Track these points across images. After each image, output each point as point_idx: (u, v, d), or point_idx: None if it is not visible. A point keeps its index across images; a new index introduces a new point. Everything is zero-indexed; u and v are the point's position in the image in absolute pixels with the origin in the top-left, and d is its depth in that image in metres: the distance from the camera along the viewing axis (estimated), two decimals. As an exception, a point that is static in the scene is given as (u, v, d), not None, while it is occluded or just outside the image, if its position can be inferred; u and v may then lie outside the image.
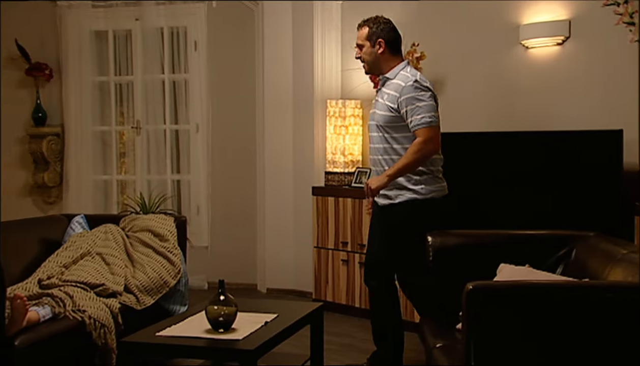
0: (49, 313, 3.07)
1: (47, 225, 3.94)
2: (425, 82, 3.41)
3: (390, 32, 3.50)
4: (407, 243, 3.40)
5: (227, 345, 2.66)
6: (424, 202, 3.37)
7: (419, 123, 3.31)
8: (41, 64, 6.16)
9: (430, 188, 3.40)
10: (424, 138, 3.30)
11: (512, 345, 2.04)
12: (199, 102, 5.91)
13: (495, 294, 2.04)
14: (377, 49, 3.46)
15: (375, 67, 3.52)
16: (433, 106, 3.36)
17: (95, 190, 6.24)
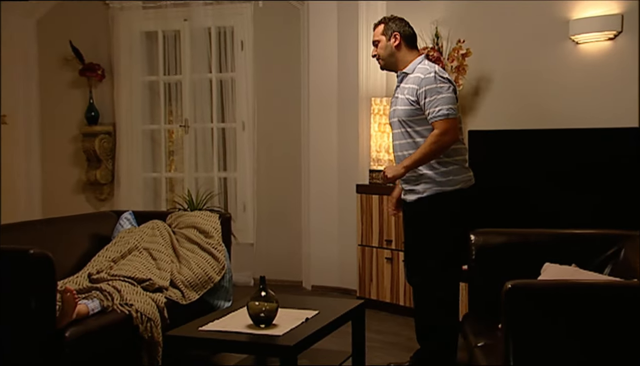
0: (97, 307, 3.16)
1: (97, 221, 4.05)
2: (445, 73, 3.39)
3: (405, 26, 3.52)
4: (438, 236, 3.40)
5: (267, 340, 2.70)
6: (451, 194, 3.37)
7: (437, 115, 3.30)
8: (94, 64, 6.33)
9: (457, 179, 3.40)
10: (441, 130, 3.29)
11: (551, 344, 2.01)
12: (245, 100, 5.98)
13: (535, 293, 2.02)
14: (393, 42, 3.48)
15: (390, 61, 3.52)
16: (452, 98, 3.33)
17: (145, 187, 6.38)
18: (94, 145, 6.35)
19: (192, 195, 5.88)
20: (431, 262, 3.43)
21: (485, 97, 4.99)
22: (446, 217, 3.38)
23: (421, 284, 3.53)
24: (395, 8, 5.38)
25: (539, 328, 2.03)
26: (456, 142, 3.34)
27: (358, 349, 3.27)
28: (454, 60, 4.75)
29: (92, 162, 6.44)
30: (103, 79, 6.38)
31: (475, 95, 5.02)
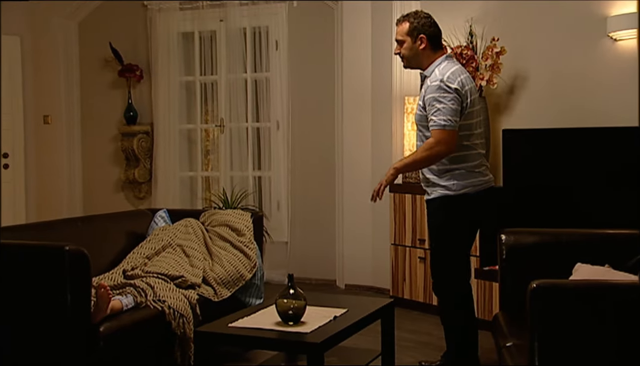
0: (131, 303, 3.23)
1: (133, 218, 4.13)
2: (453, 82, 3.31)
3: (431, 27, 3.46)
4: (444, 238, 3.42)
5: (294, 337, 2.73)
6: (455, 198, 3.36)
7: (434, 124, 3.28)
8: (132, 65, 6.45)
9: (462, 183, 3.36)
10: (436, 139, 3.27)
11: (576, 345, 2.00)
12: (280, 100, 6.03)
13: (560, 293, 2.00)
14: (419, 44, 3.43)
15: (414, 61, 3.49)
16: (452, 109, 3.27)
17: (182, 186, 6.47)
18: (132, 145, 6.47)
19: (227, 193, 5.96)
20: (439, 263, 3.47)
21: (521, 96, 4.94)
22: (450, 221, 3.39)
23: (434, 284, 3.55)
24: (429, 6, 5.33)
25: (564, 328, 2.01)
26: (450, 153, 3.30)
27: (387, 348, 3.28)
28: (488, 59, 4.71)
29: (131, 161, 6.56)
30: (141, 80, 6.50)
31: (511, 93, 4.97)
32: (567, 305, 2.01)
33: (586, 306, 2.00)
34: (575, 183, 4.33)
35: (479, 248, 4.59)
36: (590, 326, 2.00)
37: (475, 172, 3.41)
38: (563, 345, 2.02)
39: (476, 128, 3.43)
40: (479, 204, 3.42)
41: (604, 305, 1.99)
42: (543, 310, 2.02)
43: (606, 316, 1.99)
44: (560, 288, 2.02)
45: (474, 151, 3.41)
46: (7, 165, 6.68)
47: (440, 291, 3.52)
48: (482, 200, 3.42)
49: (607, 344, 1.99)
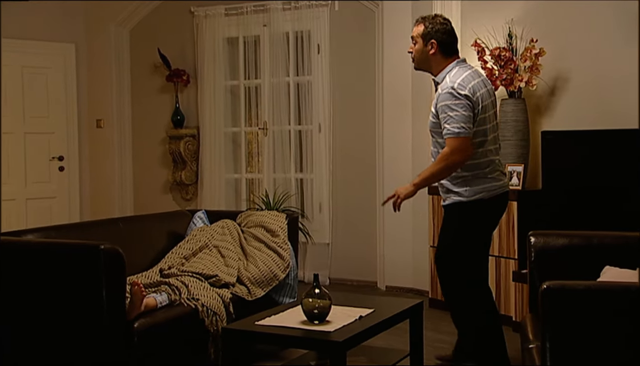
0: (165, 300, 3.35)
1: (172, 219, 4.27)
2: (463, 89, 3.31)
3: (444, 33, 3.45)
4: (460, 244, 3.43)
5: (318, 335, 2.79)
6: (468, 204, 3.38)
7: (448, 133, 3.29)
8: (180, 70, 6.64)
9: (475, 189, 3.38)
10: (451, 148, 3.28)
11: (587, 345, 1.99)
12: (322, 103, 6.10)
13: (570, 294, 2.00)
14: (429, 49, 3.46)
15: (423, 64, 3.53)
16: (464, 116, 3.27)
17: (227, 187, 6.61)
18: (179, 147, 6.65)
19: (270, 195, 6.07)
20: (452, 266, 3.47)
21: (562, 97, 4.88)
22: (464, 227, 3.42)
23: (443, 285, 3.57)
24: (469, 7, 5.36)
25: (575, 329, 2.01)
26: (466, 160, 3.30)
27: (415, 348, 3.31)
28: (527, 60, 4.67)
29: (178, 163, 6.75)
30: (188, 84, 6.68)
31: (552, 95, 4.91)
32: (578, 307, 2.01)
33: (597, 308, 1.99)
34: (616, 186, 4.26)
35: (517, 251, 4.56)
36: (601, 328, 1.99)
37: (489, 178, 3.41)
38: (574, 345, 2.02)
39: (490, 133, 3.43)
40: (493, 209, 3.44)
41: (615, 306, 1.98)
42: (553, 311, 2.02)
43: (617, 318, 1.99)
44: (570, 290, 2.02)
45: (487, 158, 3.41)
46: (62, 167, 6.96)
47: (451, 293, 3.53)
48: (497, 205, 3.44)
49: (618, 345, 1.98)
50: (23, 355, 3.09)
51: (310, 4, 6.09)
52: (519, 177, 4.68)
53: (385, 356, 3.33)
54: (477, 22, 5.19)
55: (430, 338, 4.36)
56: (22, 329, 3.08)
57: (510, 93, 4.83)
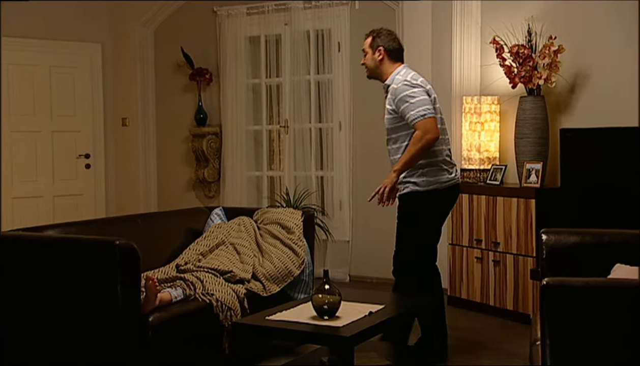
0: (180, 295, 3.41)
1: (190, 216, 4.34)
2: (416, 80, 3.63)
3: (390, 41, 3.75)
4: (414, 231, 3.69)
5: (326, 330, 2.82)
6: (423, 194, 3.64)
7: (415, 118, 3.54)
8: (203, 69, 6.72)
9: (431, 180, 3.64)
10: (422, 130, 3.52)
11: (587, 342, 2.00)
12: (342, 101, 6.12)
13: (569, 291, 2.00)
14: (377, 56, 3.74)
15: (375, 72, 3.81)
16: (425, 100, 3.57)
17: (249, 185, 6.68)
18: (202, 145, 6.73)
19: (290, 193, 6.11)
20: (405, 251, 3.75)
21: (582, 95, 4.84)
22: (419, 214, 3.68)
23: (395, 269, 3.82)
24: (489, 5, 5.34)
25: (575, 326, 2.01)
26: (437, 139, 3.54)
27: (426, 344, 3.31)
28: (546, 57, 4.65)
29: (201, 161, 6.83)
30: (211, 83, 6.75)
31: (571, 92, 4.88)
32: (577, 303, 2.01)
33: (596, 305, 1.99)
34: (636, 184, 4.21)
35: (535, 249, 4.54)
36: (601, 325, 1.99)
37: (443, 169, 3.67)
38: (574, 342, 2.03)
39: (441, 124, 3.70)
40: (446, 199, 3.73)
41: (615, 303, 1.98)
42: (553, 307, 2.03)
43: (617, 315, 1.99)
44: (570, 287, 2.02)
45: (440, 147, 3.66)
46: (88, 165, 7.09)
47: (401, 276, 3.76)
48: (448, 196, 3.74)
49: (618, 342, 1.98)
50: (39, 347, 3.18)
51: (330, 3, 6.12)
52: (537, 175, 4.66)
53: (399, 354, 3.34)
54: (497, 20, 5.17)
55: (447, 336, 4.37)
56: (40, 322, 3.17)
57: (529, 90, 4.81)
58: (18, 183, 6.68)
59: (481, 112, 5.06)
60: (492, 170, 5.00)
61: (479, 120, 5.07)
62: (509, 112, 5.07)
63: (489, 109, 5.08)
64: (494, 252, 4.85)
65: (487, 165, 5.07)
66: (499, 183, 4.88)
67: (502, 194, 4.79)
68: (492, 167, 5.01)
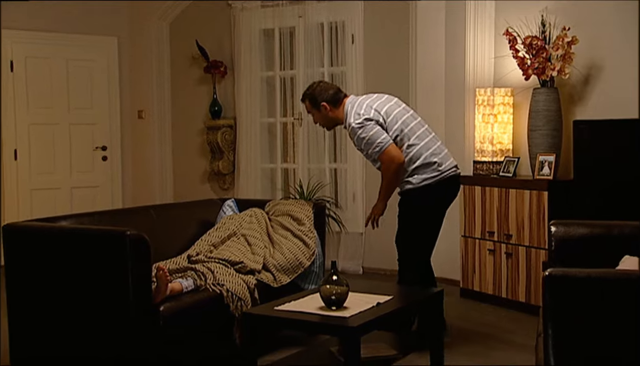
0: (191, 285, 3.45)
1: (203, 207, 4.38)
2: (359, 118, 3.83)
3: (324, 92, 3.95)
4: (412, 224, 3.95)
5: (333, 321, 2.85)
6: (417, 189, 3.88)
7: (375, 153, 3.84)
8: (217, 61, 6.75)
9: (423, 177, 3.88)
10: (385, 162, 3.84)
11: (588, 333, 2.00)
12: (355, 93, 6.06)
13: (570, 282, 2.01)
14: (324, 111, 3.95)
15: (331, 123, 4.07)
16: (376, 132, 3.80)
17: (263, 177, 6.71)
18: (216, 138, 6.77)
19: (304, 185, 6.14)
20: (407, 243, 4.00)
21: (596, 86, 4.81)
22: (412, 210, 3.92)
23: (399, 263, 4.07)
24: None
25: (576, 317, 2.02)
26: (402, 161, 3.82)
27: (436, 335, 3.33)
28: (559, 48, 4.62)
29: (216, 153, 6.87)
30: (225, 75, 6.78)
31: (586, 84, 4.85)
32: (579, 294, 2.02)
33: (598, 296, 2.00)
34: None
35: (547, 241, 4.51)
36: (602, 316, 2.00)
37: (430, 167, 3.87)
38: (576, 333, 2.03)
39: (405, 127, 3.88)
40: (441, 192, 3.92)
41: (616, 294, 1.99)
42: (555, 298, 2.03)
43: (619, 306, 1.99)
44: (572, 278, 2.02)
45: (418, 145, 3.87)
46: (105, 157, 7.17)
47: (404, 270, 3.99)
48: (443, 188, 3.92)
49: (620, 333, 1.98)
50: (52, 336, 3.24)
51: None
52: (550, 167, 4.64)
53: (405, 344, 3.36)
54: (511, 12, 5.14)
55: (458, 327, 4.38)
56: (52, 312, 3.23)
57: (543, 82, 4.78)
58: (36, 175, 6.77)
59: (494, 104, 5.04)
60: (505, 162, 4.98)
61: (492, 112, 5.05)
62: (523, 104, 5.04)
63: (502, 101, 5.06)
64: (506, 244, 4.84)
65: (500, 157, 5.05)
66: (512, 175, 4.86)
67: (514, 186, 4.78)
68: (505, 159, 5.00)
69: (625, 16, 4.61)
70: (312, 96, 3.97)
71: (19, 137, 6.64)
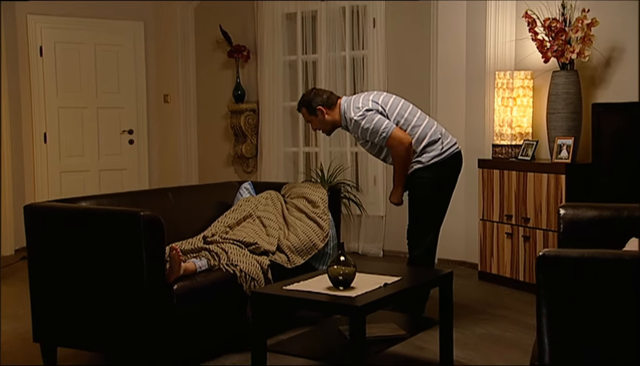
0: (205, 265, 3.53)
1: (220, 190, 4.45)
2: (359, 110, 3.96)
3: (319, 97, 4.07)
4: (418, 206, 4.07)
5: (339, 300, 2.90)
6: (425, 168, 4.01)
7: (383, 139, 3.95)
8: (240, 46, 6.81)
9: (432, 154, 4.02)
10: (393, 146, 3.95)
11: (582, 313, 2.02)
12: (377, 77, 6.13)
13: (563, 262, 2.02)
14: (321, 116, 4.07)
15: (330, 127, 4.15)
16: (380, 119, 3.93)
17: (286, 160, 6.77)
18: (240, 122, 6.85)
19: (324, 168, 6.18)
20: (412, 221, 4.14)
21: (618, 69, 4.75)
22: (423, 187, 4.04)
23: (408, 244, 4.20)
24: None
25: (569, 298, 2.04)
26: (409, 142, 3.93)
27: (445, 317, 3.36)
28: (578, 31, 4.57)
29: (239, 137, 6.95)
30: (248, 60, 6.85)
31: (607, 66, 4.79)
32: (571, 274, 2.03)
33: (591, 276, 2.01)
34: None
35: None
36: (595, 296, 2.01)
37: (435, 145, 4.01)
38: (568, 313, 2.05)
39: (404, 112, 4.01)
40: (447, 169, 4.07)
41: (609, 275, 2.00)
42: (547, 279, 2.05)
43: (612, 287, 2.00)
44: (564, 258, 2.04)
45: (421, 126, 4.01)
46: (132, 140, 7.31)
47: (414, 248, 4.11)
48: (449, 165, 4.06)
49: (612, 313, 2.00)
50: (71, 314, 3.35)
51: (366, -22, 6.12)
52: (569, 150, 4.61)
53: (415, 324, 3.40)
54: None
55: (474, 309, 4.41)
56: (70, 290, 3.33)
57: (562, 65, 4.74)
58: (65, 158, 6.94)
59: (513, 87, 5.01)
60: (523, 145, 4.96)
61: (511, 95, 5.03)
62: (544, 87, 5.01)
63: (522, 84, 5.03)
64: (524, 228, 4.84)
65: (519, 140, 5.03)
66: (530, 158, 4.85)
67: (532, 170, 4.76)
68: (523, 143, 4.98)
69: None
70: (307, 103, 4.08)
71: (49, 120, 6.81)
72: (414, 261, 4.04)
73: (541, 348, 2.12)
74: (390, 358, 3.50)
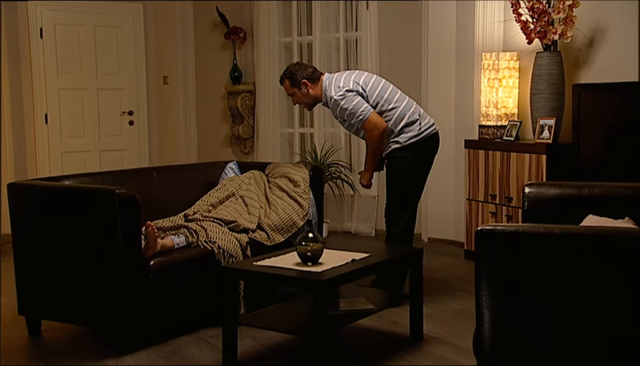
0: (183, 242, 3.65)
1: (205, 169, 4.56)
2: (340, 89, 4.00)
3: (303, 70, 4.10)
4: (395, 185, 4.12)
5: (306, 275, 3.00)
6: (402, 148, 4.08)
7: (359, 122, 4.01)
8: (237, 28, 6.89)
9: (409, 134, 4.10)
10: (368, 129, 4.02)
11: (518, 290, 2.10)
12: (370, 58, 6.18)
13: (499, 237, 2.10)
14: (305, 89, 4.10)
15: (313, 102, 4.19)
16: (359, 102, 3.98)
17: (282, 141, 6.86)
18: (236, 103, 6.94)
19: (318, 149, 6.26)
20: (389, 200, 4.16)
21: (600, 49, 4.77)
22: (402, 166, 4.10)
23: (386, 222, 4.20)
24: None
25: (506, 274, 2.12)
26: (384, 127, 3.99)
27: (414, 293, 3.46)
28: (560, 12, 4.59)
29: (236, 118, 7.05)
30: (245, 41, 6.92)
31: (590, 47, 4.82)
32: (507, 249, 2.11)
33: (527, 250, 2.09)
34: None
35: (545, 204, 4.56)
36: (531, 270, 2.09)
37: (412, 126, 4.08)
38: (505, 289, 2.14)
39: (384, 92, 4.07)
40: (425, 148, 4.14)
41: (542, 249, 2.07)
42: (484, 252, 2.14)
43: (544, 260, 2.08)
44: (499, 233, 2.12)
45: (400, 107, 4.08)
46: (132, 121, 7.42)
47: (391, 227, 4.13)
48: (426, 145, 4.14)
49: (548, 286, 2.08)
50: (52, 288, 3.48)
51: (358, -40, 6.15)
52: (550, 131, 4.66)
53: (385, 299, 3.50)
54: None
55: (453, 286, 4.50)
56: (53, 265, 3.46)
57: (545, 46, 4.77)
58: (66, 139, 7.07)
59: (499, 68, 5.05)
60: (508, 126, 5.01)
61: (497, 76, 5.07)
62: (529, 68, 5.04)
63: (507, 65, 5.06)
64: (507, 207, 4.90)
65: (504, 121, 5.08)
66: (514, 139, 4.90)
67: (515, 150, 4.82)
68: (508, 123, 5.03)
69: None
70: (291, 75, 4.10)
71: (49, 101, 6.94)
72: (392, 238, 4.12)
73: (479, 319, 2.20)
74: (363, 332, 3.62)
